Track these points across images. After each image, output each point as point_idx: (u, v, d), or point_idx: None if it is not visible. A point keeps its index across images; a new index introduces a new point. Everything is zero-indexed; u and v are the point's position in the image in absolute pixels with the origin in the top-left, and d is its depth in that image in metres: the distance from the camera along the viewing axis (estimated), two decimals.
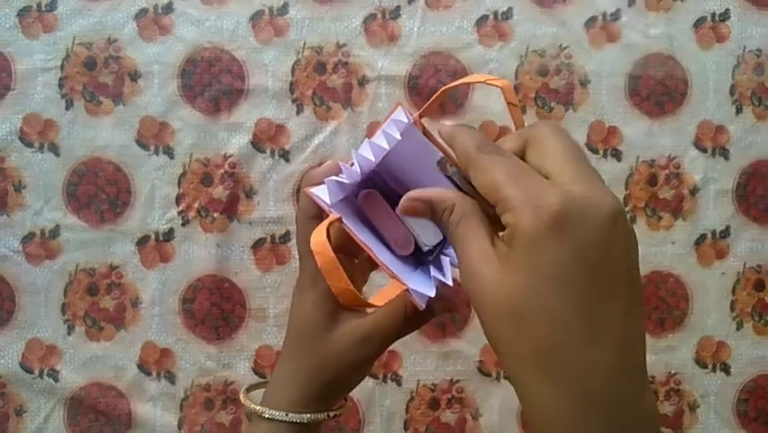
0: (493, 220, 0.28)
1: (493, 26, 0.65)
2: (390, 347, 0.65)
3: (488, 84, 0.32)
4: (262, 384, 0.39)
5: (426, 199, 0.30)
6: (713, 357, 0.67)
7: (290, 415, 0.36)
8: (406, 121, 0.32)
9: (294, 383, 0.37)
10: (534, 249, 0.25)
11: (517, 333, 0.26)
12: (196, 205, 0.64)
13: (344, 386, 0.38)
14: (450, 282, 0.31)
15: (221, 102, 0.64)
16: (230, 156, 0.64)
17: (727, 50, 0.67)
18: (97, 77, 0.64)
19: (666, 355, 0.66)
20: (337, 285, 0.31)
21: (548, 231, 0.24)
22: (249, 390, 0.39)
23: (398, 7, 0.65)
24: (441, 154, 0.33)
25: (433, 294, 0.31)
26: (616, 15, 0.66)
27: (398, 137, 0.31)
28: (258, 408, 0.36)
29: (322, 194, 0.31)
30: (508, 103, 0.32)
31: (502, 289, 0.26)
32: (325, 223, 0.30)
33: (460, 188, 0.31)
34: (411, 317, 0.36)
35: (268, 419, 0.36)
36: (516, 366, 0.26)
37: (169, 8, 0.64)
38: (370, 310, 0.37)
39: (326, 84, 0.65)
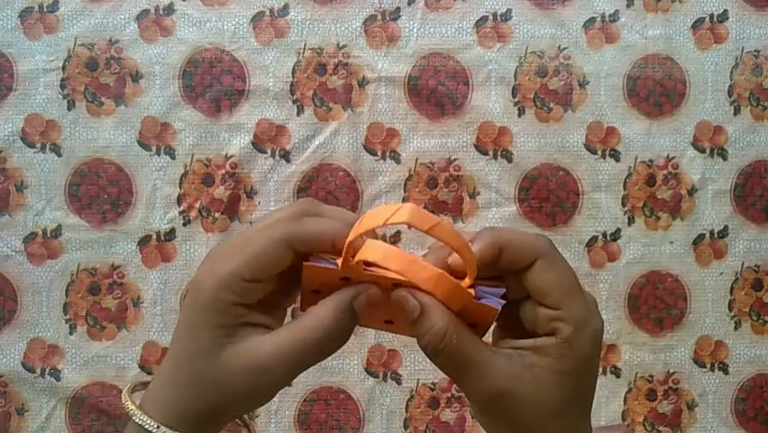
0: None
1: (492, 27, 0.66)
2: (390, 347, 0.66)
3: (388, 225, 0.28)
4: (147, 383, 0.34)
5: (423, 303, 0.30)
6: (711, 356, 0.67)
7: (162, 429, 0.30)
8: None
9: (170, 400, 0.31)
10: (588, 362, 0.30)
11: (562, 426, 0.30)
12: (197, 205, 0.64)
13: (231, 413, 0.32)
14: (500, 305, 0.30)
15: (222, 103, 0.64)
16: (231, 156, 0.64)
17: (726, 50, 0.67)
18: (99, 77, 0.64)
19: (664, 355, 0.67)
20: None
21: (594, 348, 0.30)
22: (135, 387, 0.34)
23: (398, 9, 0.65)
24: None
25: (500, 306, 0.30)
26: (614, 16, 0.66)
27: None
28: (131, 408, 0.31)
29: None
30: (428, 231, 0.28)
31: (557, 393, 0.29)
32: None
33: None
34: (321, 343, 0.32)
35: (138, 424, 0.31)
36: None
37: (170, 9, 0.64)
38: (268, 336, 0.30)
39: (327, 85, 0.65)
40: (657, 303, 0.67)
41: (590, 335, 0.29)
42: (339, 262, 0.29)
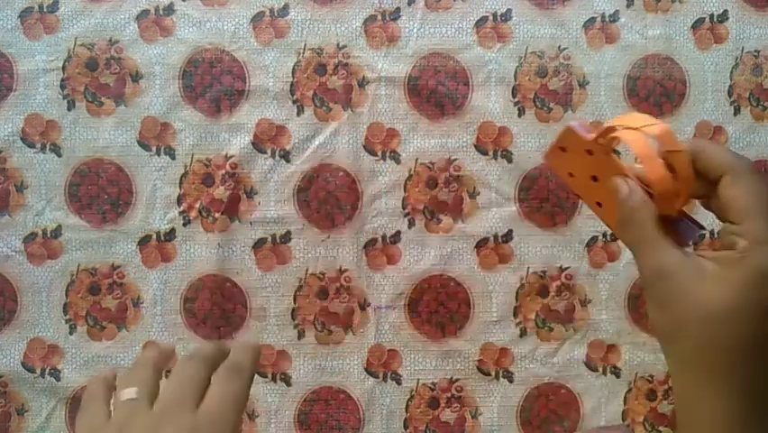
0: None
1: (492, 27, 0.66)
2: (390, 347, 0.66)
3: (643, 131, 0.32)
4: None
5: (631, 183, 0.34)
6: None
7: None
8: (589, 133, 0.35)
9: None
10: (761, 281, 0.30)
11: (719, 332, 0.31)
12: (197, 205, 0.64)
13: None
14: (694, 232, 0.35)
15: (222, 103, 0.64)
16: (231, 156, 0.64)
17: (726, 50, 0.67)
18: (99, 77, 0.64)
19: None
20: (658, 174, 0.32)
21: None
22: None
23: (398, 9, 0.65)
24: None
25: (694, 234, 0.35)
26: (614, 17, 0.66)
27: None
28: None
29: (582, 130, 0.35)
30: (668, 151, 0.32)
31: (716, 294, 0.31)
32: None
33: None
34: None
35: None
36: (701, 364, 0.32)
37: (170, 9, 0.64)
38: None
39: (327, 85, 0.65)
40: None
41: (767, 257, 0.30)
42: (593, 135, 0.34)
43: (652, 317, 0.34)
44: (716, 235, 0.67)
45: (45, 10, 0.64)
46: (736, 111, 0.67)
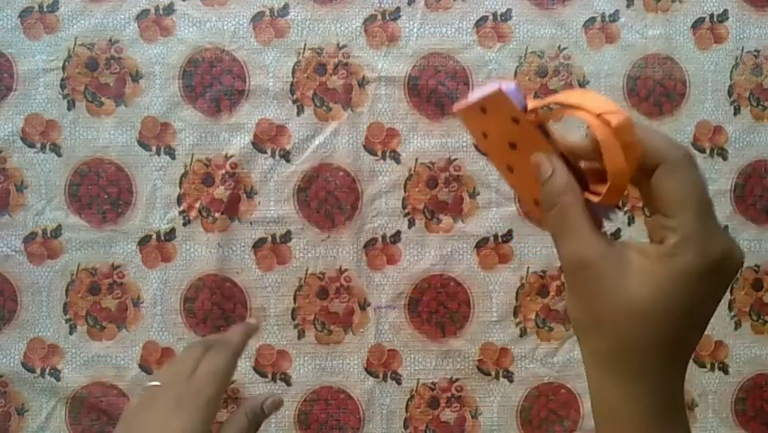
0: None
1: (492, 27, 0.66)
2: (390, 347, 0.66)
3: (601, 119, 0.29)
4: None
5: (550, 163, 0.32)
6: (711, 356, 0.67)
7: None
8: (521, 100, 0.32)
9: None
10: (687, 281, 0.29)
11: (636, 327, 0.29)
12: (197, 205, 0.64)
13: None
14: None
15: (222, 103, 0.64)
16: (231, 156, 0.64)
17: (726, 50, 0.67)
18: (99, 77, 0.64)
19: None
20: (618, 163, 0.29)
21: (704, 274, 0.29)
22: None
23: (398, 9, 0.65)
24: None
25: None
26: (614, 16, 0.66)
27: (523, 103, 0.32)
28: None
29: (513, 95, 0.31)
30: (624, 145, 0.29)
31: (638, 289, 0.29)
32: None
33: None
34: (252, 426, 0.46)
35: None
36: (612, 358, 0.30)
37: (170, 9, 0.64)
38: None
39: (327, 85, 0.65)
40: None
41: (701, 255, 0.28)
42: (531, 106, 0.32)
43: (569, 309, 0.32)
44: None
45: (45, 10, 0.64)
46: (736, 111, 0.67)
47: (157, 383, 0.46)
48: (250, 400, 0.49)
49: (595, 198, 0.31)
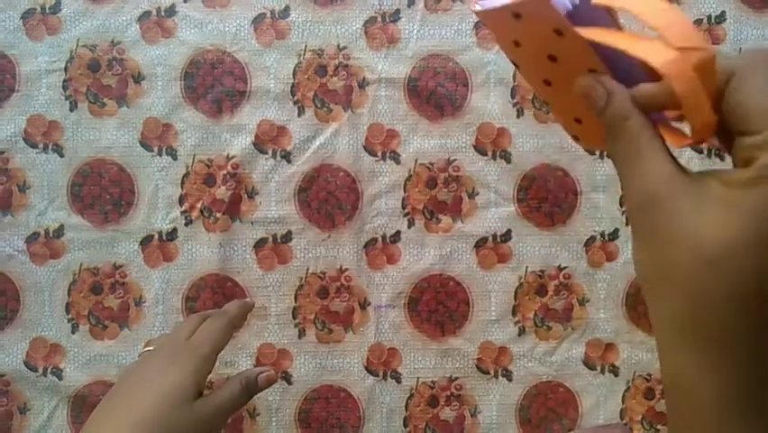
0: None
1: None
2: (390, 346, 0.66)
3: (686, 53, 0.23)
4: None
5: (605, 86, 0.26)
6: None
7: None
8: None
9: None
10: None
11: (720, 280, 0.23)
12: (198, 205, 0.65)
13: None
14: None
15: (223, 104, 0.65)
16: (232, 157, 0.65)
17: (724, 51, 0.68)
18: (101, 79, 0.65)
19: None
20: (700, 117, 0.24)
21: None
22: None
23: (398, 11, 0.66)
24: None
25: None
26: None
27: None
28: None
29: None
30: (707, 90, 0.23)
31: (722, 234, 0.22)
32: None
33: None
34: (245, 392, 0.48)
35: None
36: (693, 318, 0.24)
37: (171, 11, 0.65)
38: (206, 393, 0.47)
39: (327, 86, 0.65)
40: None
41: None
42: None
43: (636, 262, 0.26)
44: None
45: (47, 11, 0.64)
46: None
47: (151, 348, 0.49)
48: (246, 371, 0.51)
49: (671, 140, 0.25)
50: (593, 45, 0.26)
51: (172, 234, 0.65)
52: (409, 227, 0.66)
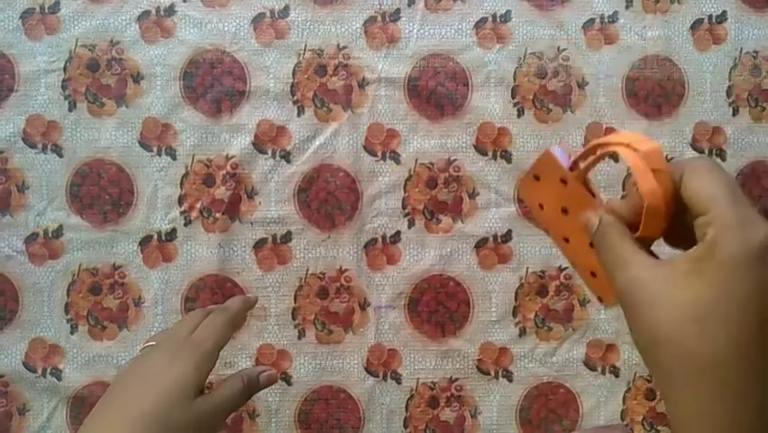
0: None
1: (492, 29, 0.66)
2: (390, 346, 0.66)
3: (631, 148, 0.31)
4: None
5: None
6: None
7: None
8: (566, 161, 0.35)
9: None
10: (734, 270, 0.28)
11: (698, 337, 0.28)
12: (198, 205, 0.64)
13: None
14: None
15: (223, 103, 0.65)
16: (232, 157, 0.65)
17: (724, 51, 0.67)
18: (100, 78, 0.64)
19: None
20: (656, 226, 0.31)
21: (752, 259, 0.27)
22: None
23: (398, 10, 0.66)
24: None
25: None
26: (613, 18, 0.67)
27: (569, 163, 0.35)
28: None
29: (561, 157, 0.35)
30: (653, 169, 0.30)
31: (690, 296, 0.28)
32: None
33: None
34: (246, 391, 0.48)
35: None
36: (687, 374, 0.28)
37: (171, 11, 0.65)
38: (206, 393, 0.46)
39: (327, 86, 0.65)
40: None
41: (743, 240, 0.27)
42: (572, 160, 0.34)
43: (633, 339, 0.31)
44: None
45: (46, 11, 0.64)
46: (735, 112, 0.67)
47: (153, 343, 0.49)
48: (247, 369, 0.51)
49: (638, 233, 0.31)
50: (585, 186, 0.34)
51: (171, 234, 0.65)
52: (409, 228, 0.65)
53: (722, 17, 0.67)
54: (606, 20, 0.67)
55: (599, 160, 0.33)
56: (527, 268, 0.66)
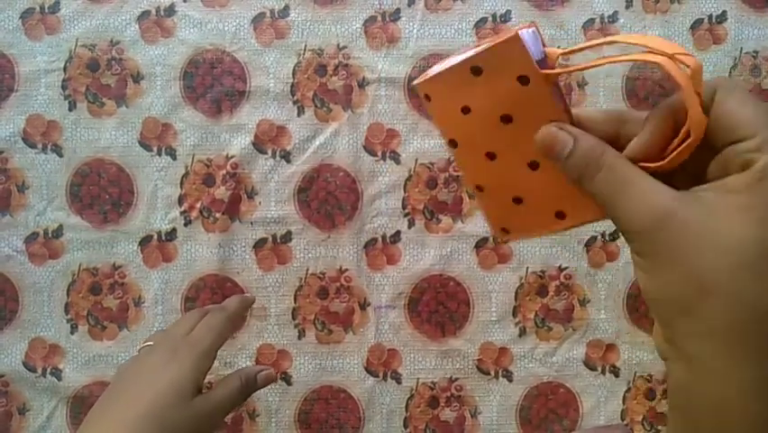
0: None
1: (492, 28, 0.66)
2: (390, 346, 0.66)
3: (677, 59, 0.25)
4: None
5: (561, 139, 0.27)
6: None
7: None
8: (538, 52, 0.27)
9: None
10: None
11: (757, 285, 0.22)
12: (198, 205, 0.64)
13: None
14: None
15: (223, 103, 0.65)
16: (232, 157, 0.65)
17: (724, 51, 0.67)
18: (100, 78, 0.64)
19: None
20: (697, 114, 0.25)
21: None
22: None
23: (398, 10, 0.66)
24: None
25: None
26: (613, 17, 0.67)
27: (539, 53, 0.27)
28: None
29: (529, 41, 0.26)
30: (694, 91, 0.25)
31: (746, 235, 0.22)
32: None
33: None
34: (244, 390, 0.48)
35: None
36: (732, 328, 0.23)
37: (171, 10, 0.65)
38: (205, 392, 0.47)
39: (327, 86, 0.65)
40: None
41: None
42: (557, 53, 0.27)
43: (653, 292, 0.25)
44: None
45: (46, 11, 0.64)
46: None
47: (150, 343, 0.49)
48: (246, 368, 0.51)
49: (655, 164, 0.25)
50: (557, 96, 0.26)
51: (171, 234, 0.65)
52: (409, 227, 0.65)
53: (722, 17, 0.67)
54: (606, 20, 0.67)
55: (598, 65, 0.27)
56: (527, 268, 0.66)
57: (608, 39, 0.26)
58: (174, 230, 0.65)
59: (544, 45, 0.27)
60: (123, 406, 0.43)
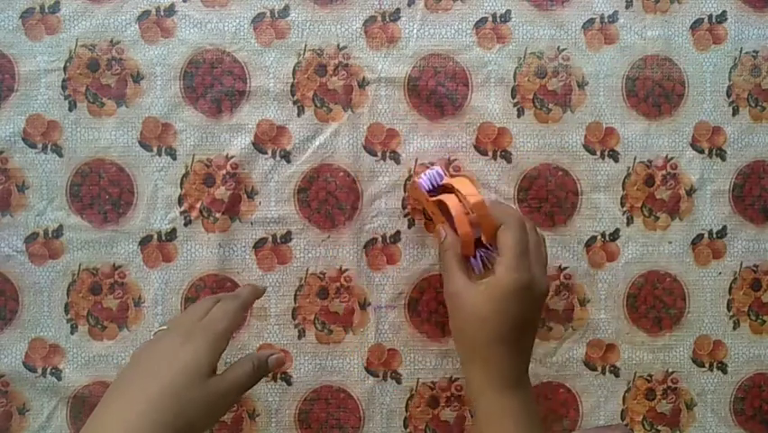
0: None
1: (492, 28, 0.66)
2: (390, 346, 0.66)
3: (462, 197, 0.54)
4: None
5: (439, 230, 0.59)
6: (710, 356, 0.67)
7: None
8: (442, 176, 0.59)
9: (144, 422, 0.42)
10: (506, 295, 0.50)
11: (480, 329, 0.51)
12: (198, 205, 0.64)
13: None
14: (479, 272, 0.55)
15: (223, 103, 0.65)
16: (232, 157, 0.65)
17: (724, 51, 0.67)
18: (100, 78, 0.64)
19: (663, 354, 0.67)
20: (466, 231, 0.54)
21: (517, 291, 0.50)
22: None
23: (398, 10, 0.66)
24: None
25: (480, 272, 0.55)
26: (613, 17, 0.67)
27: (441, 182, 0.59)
28: None
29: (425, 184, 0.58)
30: (480, 216, 0.54)
31: (479, 304, 0.51)
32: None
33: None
34: (257, 372, 0.51)
35: None
36: (471, 351, 0.53)
37: (171, 10, 0.65)
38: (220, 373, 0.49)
39: (327, 86, 0.65)
40: (656, 303, 0.67)
41: (514, 280, 0.50)
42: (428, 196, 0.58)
43: (450, 327, 0.55)
44: (714, 236, 0.67)
45: (46, 11, 0.64)
46: (735, 111, 0.67)
47: (165, 328, 0.51)
48: (257, 353, 0.55)
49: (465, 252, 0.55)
50: (440, 208, 0.57)
51: (171, 234, 0.65)
52: (409, 227, 0.65)
53: (722, 17, 0.67)
54: (606, 20, 0.67)
55: (439, 201, 0.56)
56: None
57: (446, 181, 0.58)
58: (174, 230, 0.65)
59: (447, 174, 0.59)
60: (140, 384, 0.44)
